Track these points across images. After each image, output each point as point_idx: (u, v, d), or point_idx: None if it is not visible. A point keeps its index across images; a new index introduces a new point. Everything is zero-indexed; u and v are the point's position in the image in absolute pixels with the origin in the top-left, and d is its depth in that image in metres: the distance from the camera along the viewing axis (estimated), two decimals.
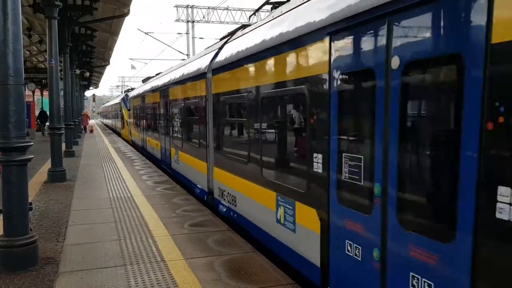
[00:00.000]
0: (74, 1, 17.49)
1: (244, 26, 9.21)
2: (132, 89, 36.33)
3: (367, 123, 4.10)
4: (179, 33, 37.17)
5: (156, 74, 21.89)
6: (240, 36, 8.47)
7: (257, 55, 6.64)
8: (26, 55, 29.56)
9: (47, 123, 28.47)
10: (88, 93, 79.58)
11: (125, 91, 44.58)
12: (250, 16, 10.23)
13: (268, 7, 9.02)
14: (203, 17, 34.64)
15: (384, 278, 3.80)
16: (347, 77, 4.46)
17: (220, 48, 9.39)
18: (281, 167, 6.15)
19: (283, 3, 7.39)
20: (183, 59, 26.50)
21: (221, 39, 10.83)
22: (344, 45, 4.39)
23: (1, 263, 5.60)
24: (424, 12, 3.35)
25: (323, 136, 4.76)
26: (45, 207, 9.33)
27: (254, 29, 7.75)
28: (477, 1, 2.88)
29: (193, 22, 34.91)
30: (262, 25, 7.42)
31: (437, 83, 3.46)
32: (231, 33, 9.79)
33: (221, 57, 8.83)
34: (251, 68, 7.02)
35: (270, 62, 6.24)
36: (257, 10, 9.54)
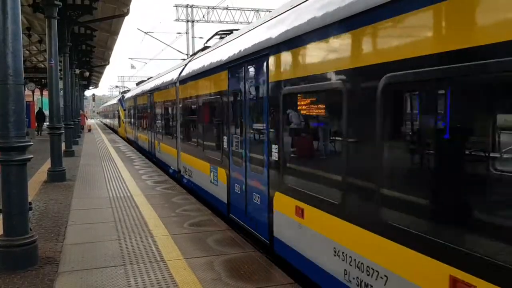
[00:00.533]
0: (74, 0, 17.49)
1: (204, 48, 11.99)
2: (128, 90, 38.89)
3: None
4: (179, 33, 37.24)
5: (148, 79, 25.86)
6: (196, 58, 11.80)
7: (196, 75, 10.50)
8: (25, 54, 29.54)
9: (45, 123, 28.54)
10: (87, 93, 79.65)
11: (121, 92, 47.73)
12: (204, 44, 12.34)
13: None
14: (203, 16, 34.69)
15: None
16: (233, 93, 7.90)
17: (185, 65, 12.60)
18: (211, 148, 9.30)
19: (231, 32, 10.40)
20: (183, 59, 26.56)
21: (190, 56, 15.30)
22: (231, 76, 7.90)
23: (1, 262, 5.59)
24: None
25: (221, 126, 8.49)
26: (45, 206, 9.32)
27: (202, 55, 10.95)
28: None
29: (192, 21, 34.93)
30: (205, 54, 10.67)
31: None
32: (194, 54, 13.27)
33: (184, 72, 12.20)
34: (195, 83, 10.62)
35: (203, 80, 9.89)
36: (207, 41, 12.09)
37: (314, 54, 5.04)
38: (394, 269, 3.64)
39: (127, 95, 31.69)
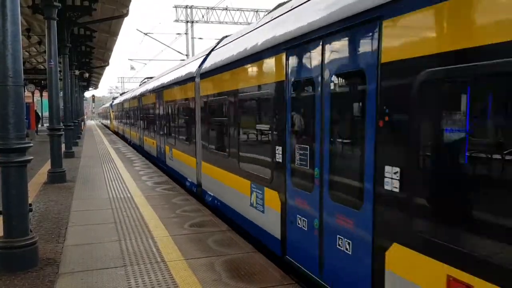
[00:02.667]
0: (73, 1, 17.46)
1: (148, 79, 16.95)
2: (117, 97, 54.69)
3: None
4: (178, 33, 37.16)
5: (124, 92, 45.29)
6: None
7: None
8: (25, 56, 29.54)
9: (44, 125, 28.61)
10: (87, 94, 79.55)
11: (113, 98, 65.55)
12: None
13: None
14: (202, 17, 34.66)
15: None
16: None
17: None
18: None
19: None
20: (182, 60, 26.58)
21: (140, 84, 26.63)
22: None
23: (1, 264, 5.59)
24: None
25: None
26: (45, 208, 9.32)
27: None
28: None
29: (192, 22, 34.90)
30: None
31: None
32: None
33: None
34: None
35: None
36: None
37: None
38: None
39: (114, 102, 48.36)
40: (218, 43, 10.58)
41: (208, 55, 10.51)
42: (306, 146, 5.21)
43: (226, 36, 10.29)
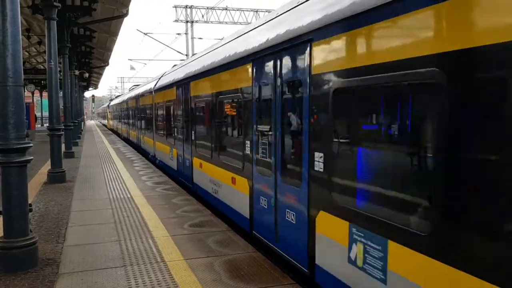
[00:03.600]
0: (73, 2, 17.48)
1: (135, 86, 20.88)
2: (113, 99, 62.21)
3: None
4: (178, 34, 37.16)
5: (118, 96, 49.95)
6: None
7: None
8: (25, 56, 29.54)
9: (40, 125, 28.55)
10: (87, 94, 79.57)
11: (110, 100, 70.69)
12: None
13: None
14: (202, 17, 34.66)
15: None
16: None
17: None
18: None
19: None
20: (182, 60, 26.63)
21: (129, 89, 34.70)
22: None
23: (1, 264, 5.59)
24: None
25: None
26: (45, 208, 9.32)
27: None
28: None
29: (192, 22, 34.90)
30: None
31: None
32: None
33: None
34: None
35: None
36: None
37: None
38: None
39: (111, 103, 56.45)
40: (162, 75, 17.43)
41: (160, 78, 17.30)
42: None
43: (175, 65, 17.34)
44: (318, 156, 4.86)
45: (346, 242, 4.34)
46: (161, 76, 16.99)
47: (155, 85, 17.17)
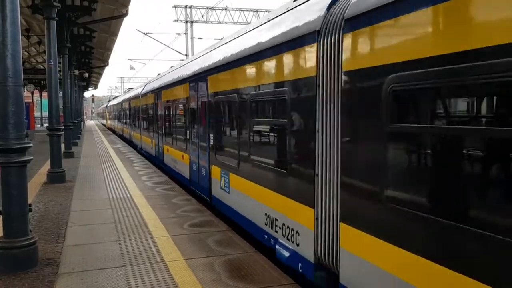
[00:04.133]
0: (73, 2, 17.47)
1: (130, 89, 25.21)
2: (111, 100, 65.47)
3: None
4: (178, 33, 37.20)
5: (115, 97, 56.20)
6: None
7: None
8: (24, 56, 29.53)
9: (40, 125, 28.54)
10: (87, 94, 79.58)
11: (108, 100, 73.86)
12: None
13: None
14: (202, 17, 34.67)
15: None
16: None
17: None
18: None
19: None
20: (182, 60, 26.68)
21: (126, 89, 45.46)
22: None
23: (1, 264, 5.59)
24: None
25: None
26: (45, 208, 9.32)
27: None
28: None
29: (191, 22, 34.91)
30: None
31: None
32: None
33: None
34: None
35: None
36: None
37: None
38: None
39: (109, 104, 60.53)
40: (147, 83, 21.86)
41: (146, 84, 22.08)
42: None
43: (160, 73, 20.39)
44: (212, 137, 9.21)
45: (219, 178, 8.50)
46: (146, 84, 22.65)
47: (142, 90, 22.15)
